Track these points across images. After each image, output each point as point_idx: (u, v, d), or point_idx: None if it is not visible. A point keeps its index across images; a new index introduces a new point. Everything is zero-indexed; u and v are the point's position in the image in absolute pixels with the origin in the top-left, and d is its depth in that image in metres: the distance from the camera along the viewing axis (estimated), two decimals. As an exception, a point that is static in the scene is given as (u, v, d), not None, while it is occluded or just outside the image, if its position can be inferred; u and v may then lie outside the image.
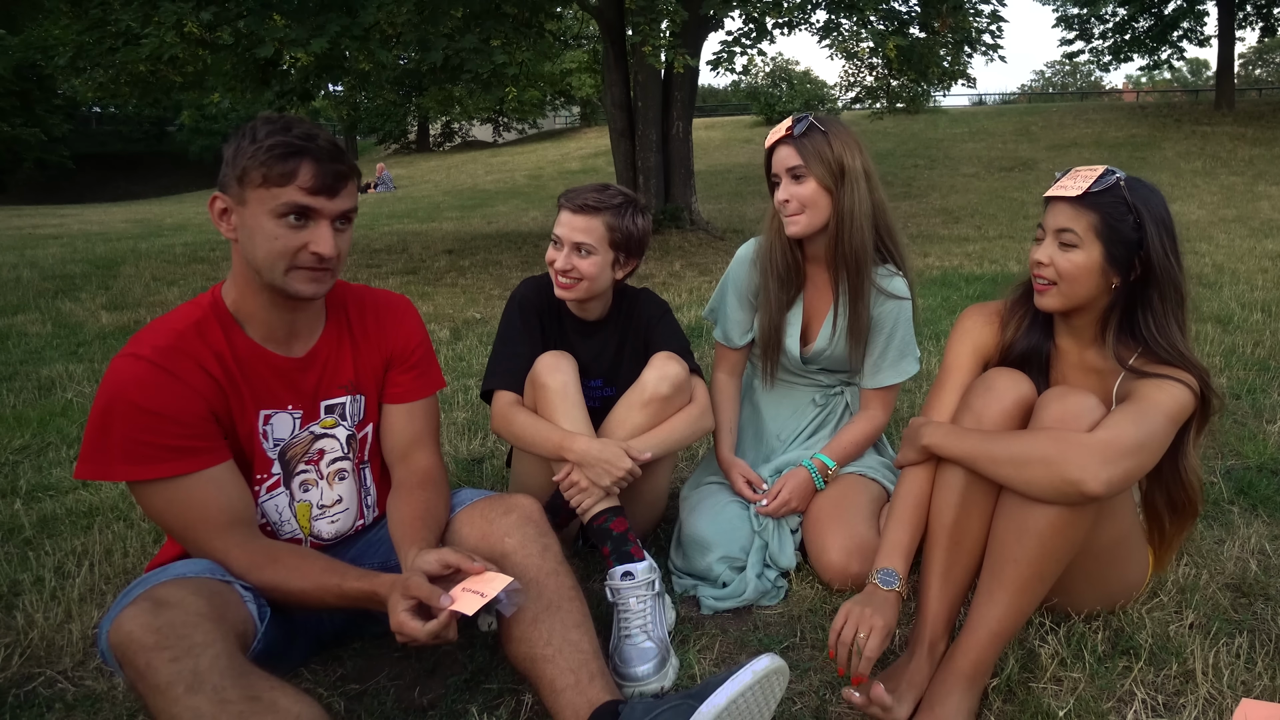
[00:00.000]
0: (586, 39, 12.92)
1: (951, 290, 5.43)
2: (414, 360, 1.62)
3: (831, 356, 2.03)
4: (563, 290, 1.86)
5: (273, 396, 1.46)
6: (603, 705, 1.26)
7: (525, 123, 30.04)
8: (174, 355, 1.35)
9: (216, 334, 1.41)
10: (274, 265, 1.35)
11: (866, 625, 1.42)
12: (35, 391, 3.54)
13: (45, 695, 1.53)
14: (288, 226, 1.33)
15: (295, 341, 1.49)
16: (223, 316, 1.42)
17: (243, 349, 1.43)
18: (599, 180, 1.96)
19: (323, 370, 1.52)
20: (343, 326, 1.56)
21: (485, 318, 5.11)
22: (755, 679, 1.21)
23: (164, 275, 7.04)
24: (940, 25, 9.13)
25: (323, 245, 1.35)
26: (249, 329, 1.44)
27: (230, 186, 1.34)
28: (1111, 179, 1.46)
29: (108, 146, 33.02)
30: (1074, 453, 1.33)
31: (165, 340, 1.36)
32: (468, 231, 10.56)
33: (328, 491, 1.55)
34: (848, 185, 1.85)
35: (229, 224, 1.37)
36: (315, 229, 1.35)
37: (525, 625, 1.36)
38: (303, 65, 7.15)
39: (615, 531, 1.66)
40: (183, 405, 1.34)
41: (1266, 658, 1.54)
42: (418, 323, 1.66)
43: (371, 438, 1.61)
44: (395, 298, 1.66)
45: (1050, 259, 1.50)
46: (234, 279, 1.43)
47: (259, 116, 1.37)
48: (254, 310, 1.43)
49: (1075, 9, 23.87)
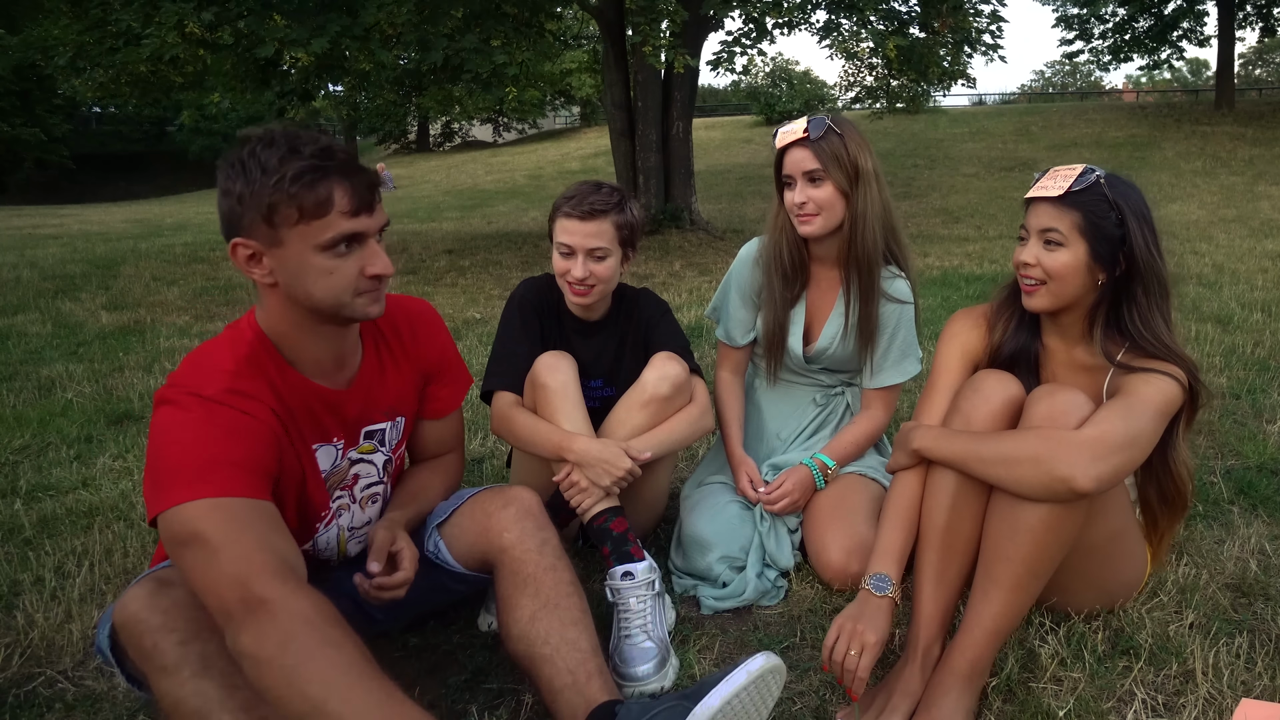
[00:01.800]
0: (586, 39, 12.94)
1: (951, 290, 5.43)
2: (451, 372, 1.62)
3: (834, 356, 2.03)
4: (579, 297, 1.84)
5: (322, 431, 1.39)
6: (600, 706, 1.26)
7: (525, 123, 30.08)
8: (240, 397, 1.22)
9: (270, 369, 1.30)
10: (340, 298, 1.25)
11: (858, 643, 1.42)
12: (35, 391, 3.54)
13: (45, 695, 1.53)
14: (338, 256, 1.22)
15: (341, 372, 1.41)
16: (270, 351, 1.31)
17: (295, 384, 1.33)
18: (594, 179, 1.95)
19: (365, 398, 1.45)
20: (381, 348, 1.49)
21: (485, 318, 5.12)
22: (750, 679, 1.20)
23: (164, 275, 7.03)
24: (940, 25, 9.13)
25: (380, 265, 1.26)
26: (298, 365, 1.34)
27: (255, 229, 1.20)
28: (1091, 177, 1.48)
29: (108, 146, 33.04)
30: (1062, 450, 1.34)
31: (223, 381, 1.23)
32: (468, 231, 10.56)
33: (359, 515, 1.53)
34: (862, 187, 1.85)
35: (263, 269, 1.23)
36: (365, 250, 1.26)
37: (523, 624, 1.35)
38: (303, 65, 7.16)
39: (615, 531, 1.66)
40: (256, 437, 1.22)
41: (1266, 658, 1.54)
42: (445, 330, 1.63)
43: (400, 457, 1.60)
44: (418, 306, 1.60)
45: (1037, 259, 1.52)
46: (271, 315, 1.31)
47: (253, 139, 1.21)
48: (301, 344, 1.33)
49: (1075, 9, 23.89)
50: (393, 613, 1.64)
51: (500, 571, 1.42)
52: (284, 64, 7.71)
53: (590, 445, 1.68)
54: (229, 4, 6.46)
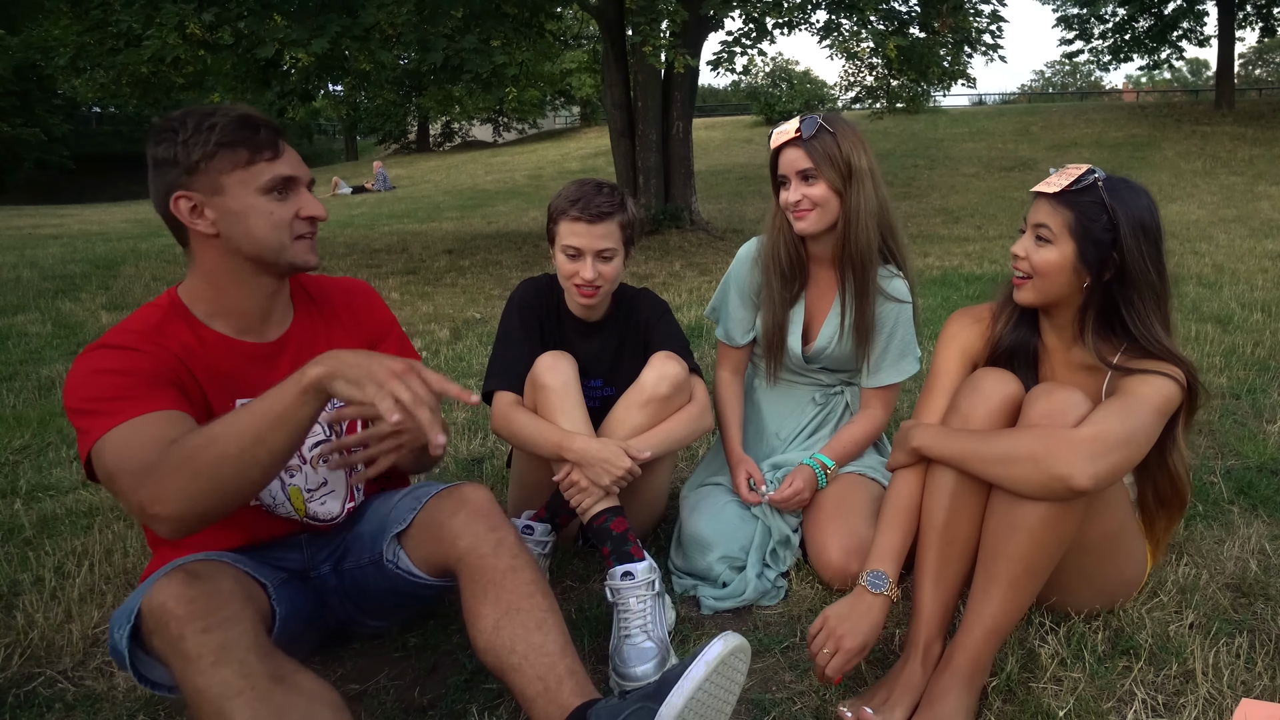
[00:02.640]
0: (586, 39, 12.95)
1: (951, 290, 5.43)
2: (392, 340, 1.63)
3: (833, 355, 2.03)
4: (587, 299, 1.84)
5: (248, 384, 1.42)
6: (572, 712, 1.24)
7: (525, 123, 30.06)
8: (140, 338, 1.32)
9: (181, 330, 1.38)
10: (279, 240, 1.35)
11: (834, 643, 1.43)
12: (35, 391, 3.54)
13: (45, 695, 1.53)
14: (276, 200, 1.34)
15: (267, 328, 1.47)
16: (184, 314, 1.40)
17: (211, 341, 1.40)
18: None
19: (297, 354, 1.49)
20: (312, 313, 1.55)
21: (485, 318, 5.11)
22: (710, 670, 1.19)
23: (164, 275, 7.03)
24: (940, 25, 9.13)
25: (314, 208, 1.38)
26: (217, 324, 1.42)
27: (195, 180, 1.31)
28: (1090, 179, 1.49)
29: (108, 146, 33.00)
30: (1061, 449, 1.35)
31: (128, 339, 1.32)
32: (468, 231, 10.56)
33: (311, 475, 1.53)
34: (855, 185, 1.85)
35: (205, 219, 1.33)
36: (298, 196, 1.38)
37: (488, 634, 1.32)
38: (303, 65, 7.16)
39: (615, 531, 1.66)
40: (148, 367, 1.29)
41: (1266, 658, 1.54)
42: (384, 305, 1.67)
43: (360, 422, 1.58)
44: (355, 282, 1.65)
45: (1026, 252, 1.54)
46: (201, 277, 1.40)
47: (170, 117, 1.33)
48: (227, 304, 1.41)
49: (1075, 9, 23.88)
50: (379, 615, 1.64)
51: (461, 580, 1.39)
52: (284, 64, 7.71)
53: (590, 445, 1.68)
54: (229, 5, 6.46)
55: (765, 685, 1.54)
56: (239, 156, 1.31)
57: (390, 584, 1.52)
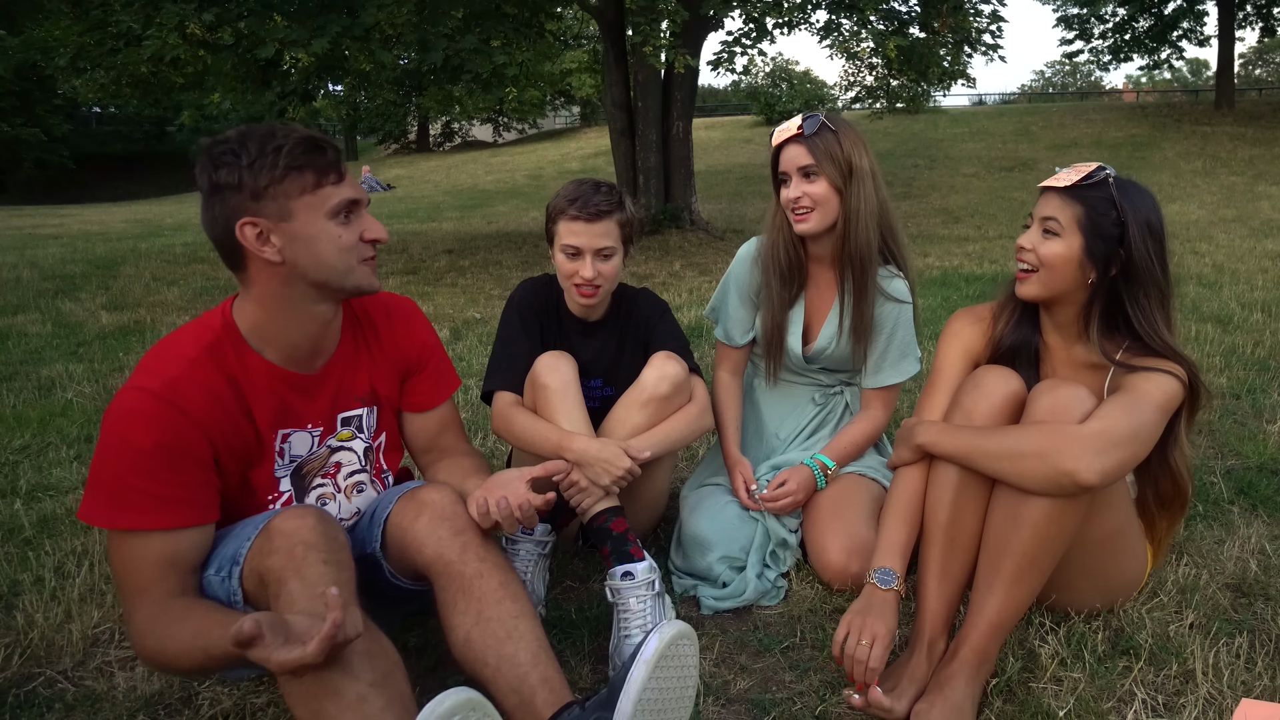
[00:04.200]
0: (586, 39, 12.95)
1: (951, 290, 5.43)
2: (432, 365, 1.62)
3: (833, 356, 2.03)
4: (587, 298, 1.84)
5: (290, 416, 1.42)
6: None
7: (525, 123, 30.06)
8: (182, 386, 1.28)
9: (230, 357, 1.35)
10: (346, 264, 1.33)
11: (869, 634, 1.43)
12: (35, 391, 3.54)
13: (45, 695, 1.53)
14: (343, 224, 1.32)
15: (314, 360, 1.44)
16: (235, 339, 1.36)
17: (258, 370, 1.37)
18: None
19: (339, 383, 1.48)
20: (357, 337, 1.52)
21: (485, 318, 5.11)
22: (650, 669, 1.20)
23: (164, 275, 7.03)
24: (940, 25, 9.13)
25: (377, 230, 1.36)
26: (267, 352, 1.38)
27: (263, 206, 1.26)
28: (1102, 175, 1.50)
29: (108, 146, 33.01)
30: (1067, 444, 1.35)
31: (175, 369, 1.29)
32: (468, 231, 10.56)
33: (345, 505, 1.52)
34: (855, 184, 1.85)
35: (272, 246, 1.28)
36: (361, 218, 1.36)
37: (460, 646, 1.31)
38: (303, 66, 7.17)
39: (615, 531, 1.66)
40: (186, 447, 1.28)
41: (1266, 658, 1.54)
42: (426, 324, 1.64)
43: (386, 447, 1.59)
44: (399, 300, 1.62)
45: (1032, 245, 1.54)
46: (256, 302, 1.36)
47: (228, 137, 1.28)
48: (281, 332, 1.37)
49: (1075, 9, 23.89)
50: (379, 614, 1.62)
51: (433, 586, 1.38)
52: (284, 64, 7.72)
53: (589, 444, 1.68)
54: (229, 5, 6.47)
55: (765, 685, 1.54)
56: (306, 180, 1.28)
57: (374, 584, 1.49)
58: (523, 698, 1.26)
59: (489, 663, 1.29)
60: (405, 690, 1.19)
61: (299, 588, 1.16)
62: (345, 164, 1.35)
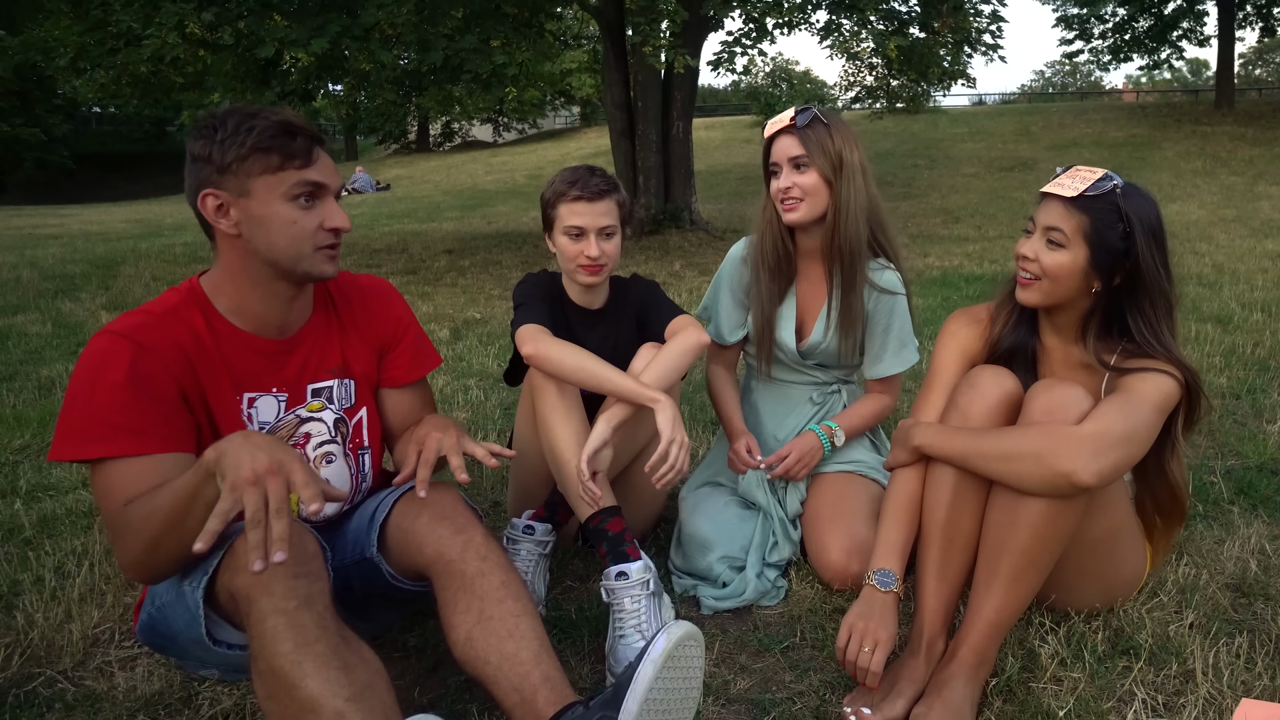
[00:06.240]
0: (586, 39, 12.94)
1: (951, 290, 5.43)
2: (408, 341, 1.62)
3: (828, 350, 2.04)
4: (592, 277, 1.84)
5: (255, 379, 1.44)
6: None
7: (525, 123, 30.05)
8: (148, 330, 1.33)
9: (195, 316, 1.39)
10: (300, 250, 1.35)
11: (871, 639, 1.43)
12: (35, 391, 3.54)
13: (45, 695, 1.53)
14: (301, 208, 1.33)
15: (283, 330, 1.47)
16: (201, 302, 1.40)
17: (222, 332, 1.41)
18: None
19: (308, 354, 1.50)
20: (329, 312, 1.55)
21: (485, 318, 5.11)
22: (658, 669, 1.19)
23: (164, 275, 7.03)
24: (940, 25, 9.13)
25: (339, 219, 1.37)
26: (233, 318, 1.42)
27: (225, 180, 1.31)
28: (1108, 185, 1.47)
29: (108, 146, 33.02)
30: (1064, 445, 1.35)
31: (139, 319, 1.34)
32: (468, 231, 10.56)
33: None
34: (845, 178, 1.87)
35: (229, 219, 1.33)
36: (325, 206, 1.37)
37: (462, 646, 1.32)
38: (303, 65, 7.17)
39: (611, 532, 1.66)
40: (152, 381, 1.30)
41: (1266, 658, 1.54)
42: (402, 302, 1.66)
43: (368, 423, 1.58)
44: (375, 281, 1.64)
45: (1036, 254, 1.52)
46: (224, 274, 1.40)
47: (217, 112, 1.34)
48: (245, 301, 1.41)
49: (1075, 9, 23.87)
50: (364, 617, 1.61)
51: (434, 585, 1.38)
52: (284, 64, 7.72)
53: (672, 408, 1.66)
54: (229, 4, 6.47)
55: (765, 685, 1.54)
56: (270, 161, 1.31)
57: (373, 586, 1.49)
58: (524, 696, 1.26)
59: (490, 661, 1.29)
60: (387, 700, 1.17)
61: (268, 603, 1.14)
62: (319, 152, 1.36)
